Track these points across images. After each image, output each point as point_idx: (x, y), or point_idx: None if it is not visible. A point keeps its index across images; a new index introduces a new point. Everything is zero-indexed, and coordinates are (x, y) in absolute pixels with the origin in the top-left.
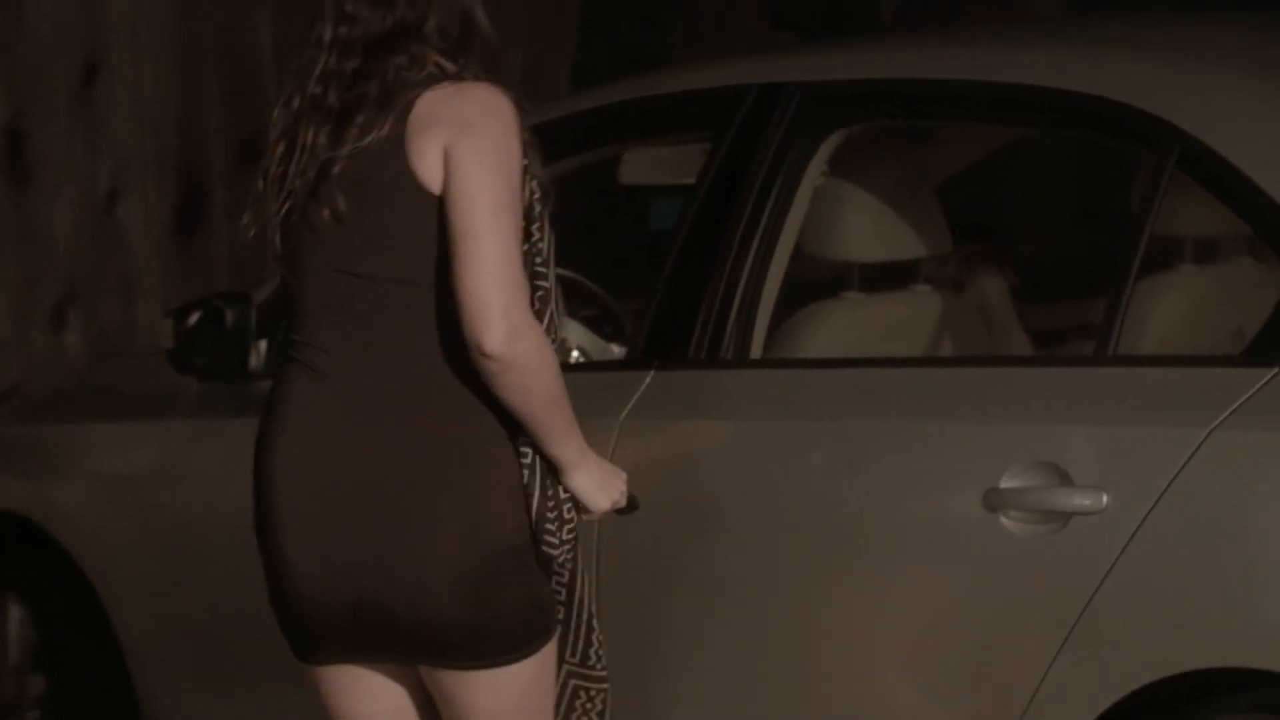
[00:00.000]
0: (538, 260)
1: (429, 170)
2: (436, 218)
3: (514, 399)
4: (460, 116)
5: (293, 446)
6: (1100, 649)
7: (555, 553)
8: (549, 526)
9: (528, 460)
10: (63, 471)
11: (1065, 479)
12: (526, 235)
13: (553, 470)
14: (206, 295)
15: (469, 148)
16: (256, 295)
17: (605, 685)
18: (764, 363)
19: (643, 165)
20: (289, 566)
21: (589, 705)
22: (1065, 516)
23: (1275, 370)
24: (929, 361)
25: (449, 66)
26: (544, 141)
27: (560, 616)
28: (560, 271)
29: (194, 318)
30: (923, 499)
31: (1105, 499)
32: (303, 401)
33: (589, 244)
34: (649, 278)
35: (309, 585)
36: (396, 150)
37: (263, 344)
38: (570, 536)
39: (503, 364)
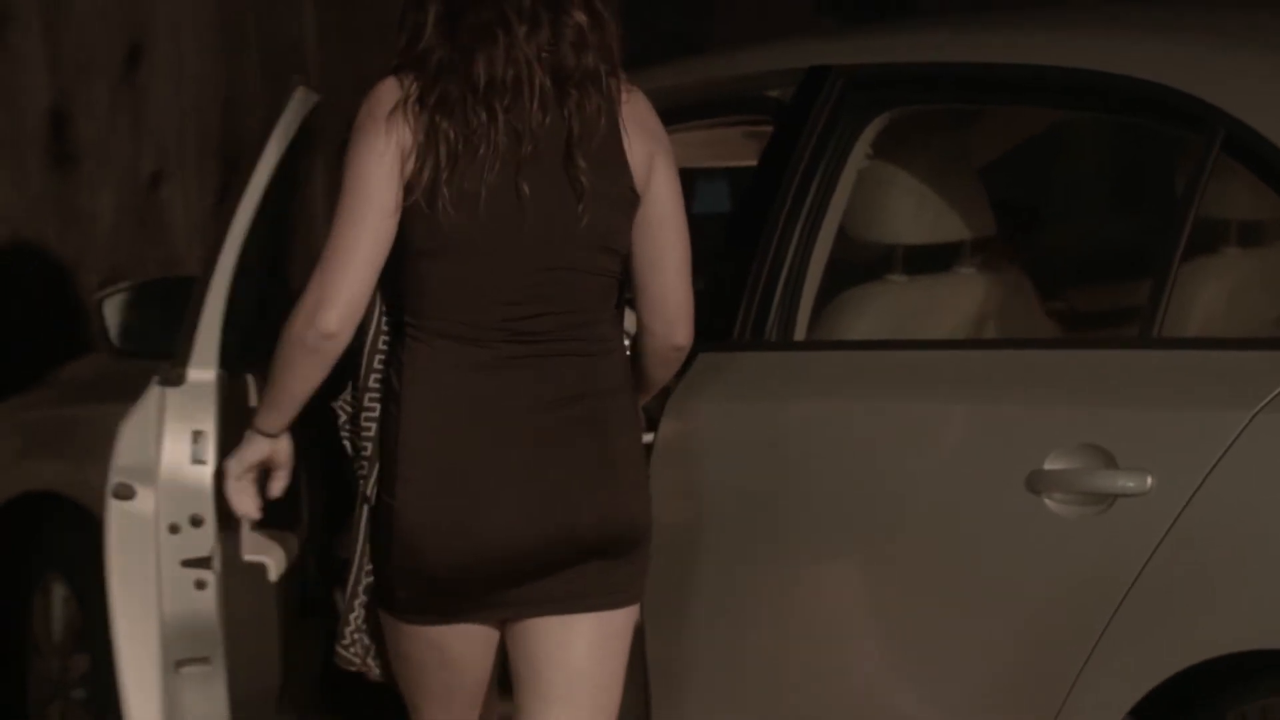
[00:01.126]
0: None
1: (641, 176)
2: (632, 217)
3: (670, 374)
4: (654, 128)
5: (475, 422)
6: (1144, 631)
7: None
8: None
9: None
10: (104, 452)
11: (1109, 461)
12: None
13: None
14: (139, 280)
15: (667, 164)
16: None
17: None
18: (808, 345)
19: (686, 148)
20: (464, 530)
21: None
22: (1109, 498)
23: None
24: (972, 344)
25: (605, 43)
26: None
27: None
28: None
29: (122, 299)
30: (966, 481)
31: (1149, 481)
32: (483, 385)
33: None
34: (693, 260)
35: (495, 535)
36: (617, 149)
37: None
38: None
39: (685, 352)
